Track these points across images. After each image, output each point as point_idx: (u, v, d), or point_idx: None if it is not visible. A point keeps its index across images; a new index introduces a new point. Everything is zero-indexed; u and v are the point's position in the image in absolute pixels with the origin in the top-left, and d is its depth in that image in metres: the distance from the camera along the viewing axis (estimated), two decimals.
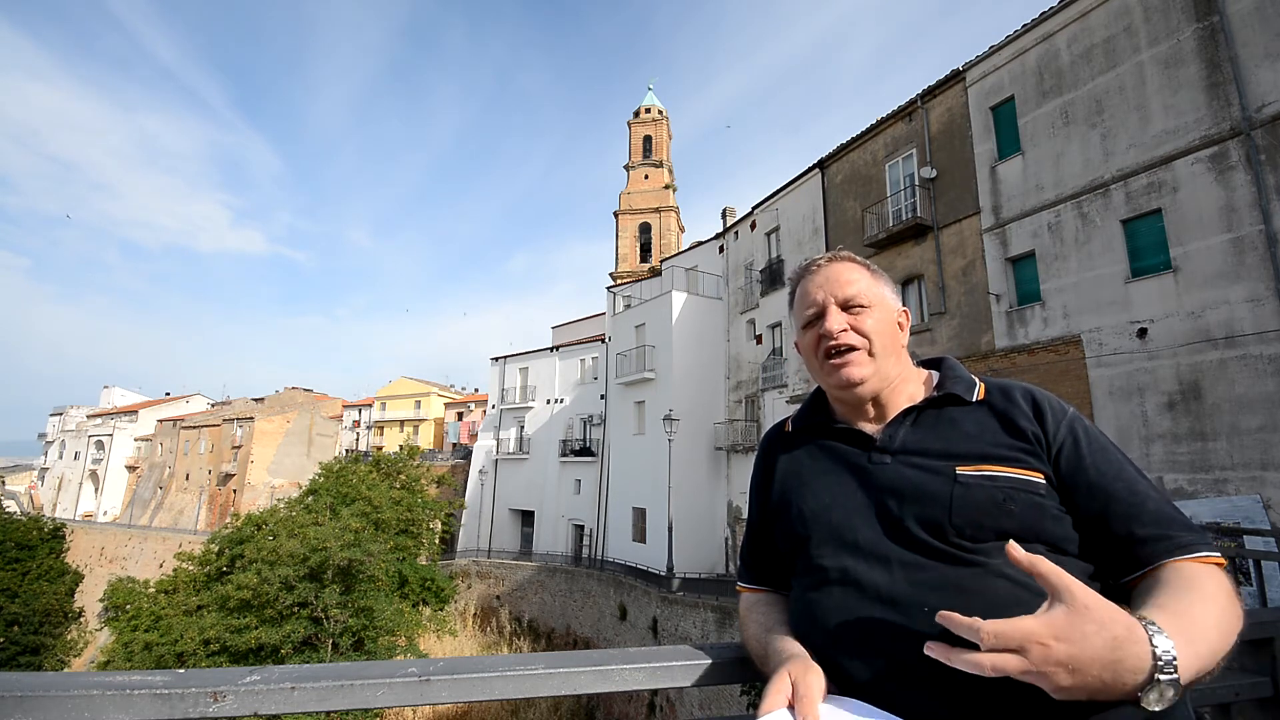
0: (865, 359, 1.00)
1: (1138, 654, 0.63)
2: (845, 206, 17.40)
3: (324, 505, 18.49)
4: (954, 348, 13.58)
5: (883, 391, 1.03)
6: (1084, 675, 0.63)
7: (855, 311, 1.02)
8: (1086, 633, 0.64)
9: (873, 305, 1.03)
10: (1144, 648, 0.64)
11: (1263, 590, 5.69)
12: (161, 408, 61.50)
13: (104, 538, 43.97)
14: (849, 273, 1.05)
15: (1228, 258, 9.36)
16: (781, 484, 1.08)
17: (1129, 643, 0.64)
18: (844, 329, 1.01)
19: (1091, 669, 0.63)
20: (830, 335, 1.01)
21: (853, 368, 1.00)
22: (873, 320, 1.02)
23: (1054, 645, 0.64)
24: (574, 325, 34.88)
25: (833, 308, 1.03)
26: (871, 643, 0.84)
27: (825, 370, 1.03)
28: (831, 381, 1.03)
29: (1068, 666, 0.63)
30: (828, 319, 1.02)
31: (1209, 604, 0.73)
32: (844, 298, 1.03)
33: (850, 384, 1.00)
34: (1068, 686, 0.64)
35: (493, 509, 31.14)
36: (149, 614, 16.52)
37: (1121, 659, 0.63)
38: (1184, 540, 0.80)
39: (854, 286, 1.03)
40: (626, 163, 39.75)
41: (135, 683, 0.80)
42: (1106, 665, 0.63)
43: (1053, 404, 0.96)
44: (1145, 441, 10.04)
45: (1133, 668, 0.63)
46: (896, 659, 0.82)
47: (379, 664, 0.92)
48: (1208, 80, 9.76)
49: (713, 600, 15.87)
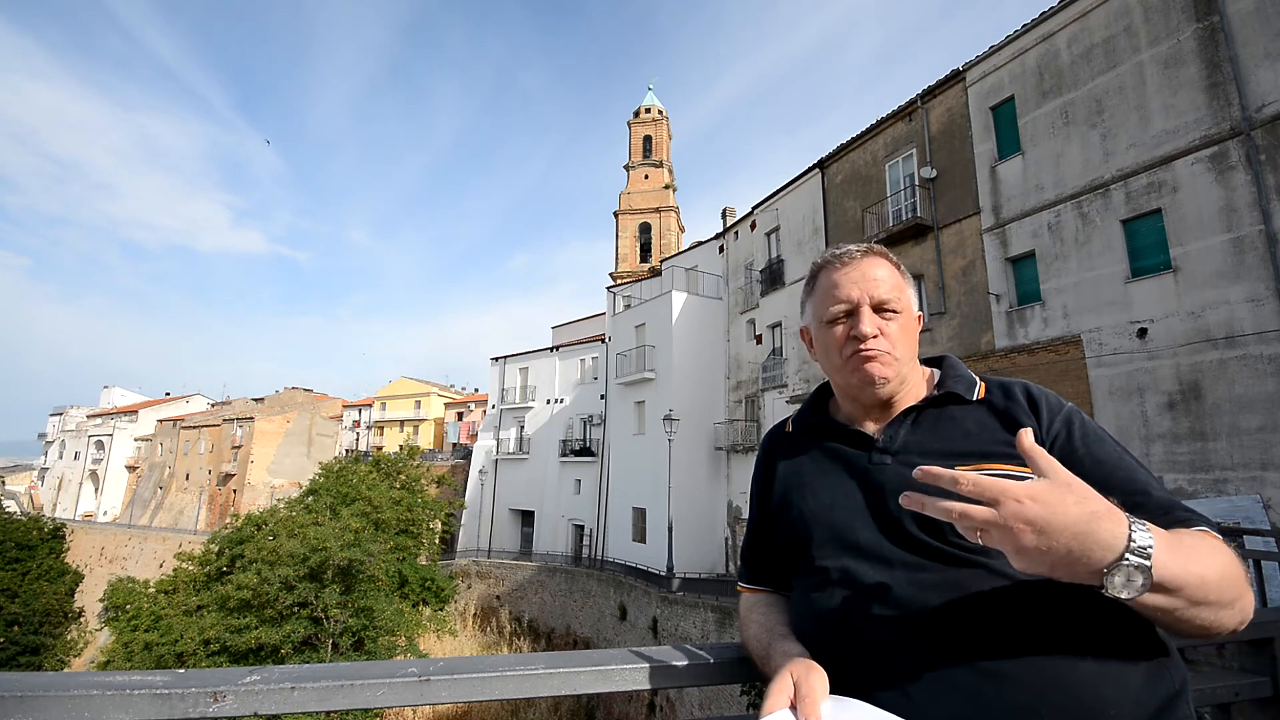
0: (890, 360, 0.99)
1: (1113, 531, 0.64)
2: (845, 206, 17.40)
3: (324, 505, 18.49)
4: (954, 348, 13.58)
5: (896, 392, 1.03)
6: (1051, 539, 0.63)
7: (887, 316, 1.00)
8: (1066, 501, 0.64)
9: (901, 311, 1.02)
10: (1121, 528, 0.64)
11: (1263, 590, 5.69)
12: (161, 408, 61.51)
13: (104, 538, 43.97)
14: (884, 271, 1.03)
15: (1228, 258, 9.36)
16: (782, 484, 1.08)
17: (1107, 519, 0.64)
18: (875, 334, 0.99)
19: (1061, 535, 0.63)
20: (863, 338, 0.98)
21: (879, 365, 0.98)
22: (899, 326, 1.01)
23: (1028, 504, 0.64)
24: (574, 325, 34.88)
25: (866, 309, 1.00)
26: (872, 643, 0.85)
27: (849, 365, 1.00)
28: (855, 378, 1.00)
29: (1037, 526, 0.63)
30: (862, 321, 0.99)
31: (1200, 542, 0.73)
32: (879, 299, 1.00)
33: (874, 380, 0.99)
34: (1032, 548, 0.64)
35: (493, 509, 31.14)
36: (149, 614, 16.51)
37: (1094, 532, 0.63)
38: (1182, 516, 0.80)
39: (887, 287, 1.01)
40: (626, 163, 39.77)
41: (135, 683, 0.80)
42: (1077, 535, 0.63)
43: (1049, 399, 0.96)
44: (1145, 441, 10.04)
45: (1104, 543, 0.63)
46: (898, 659, 0.82)
47: (379, 664, 0.92)
48: (1208, 80, 9.76)
49: (713, 600, 15.86)
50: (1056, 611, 0.78)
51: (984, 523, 0.65)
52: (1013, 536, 0.64)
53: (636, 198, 38.55)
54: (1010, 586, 0.81)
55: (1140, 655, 0.78)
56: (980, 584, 0.82)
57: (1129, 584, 0.64)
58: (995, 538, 0.66)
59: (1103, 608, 0.76)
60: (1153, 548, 0.64)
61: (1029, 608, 0.79)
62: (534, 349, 32.07)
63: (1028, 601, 0.79)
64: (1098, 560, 0.64)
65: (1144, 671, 0.77)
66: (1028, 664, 0.76)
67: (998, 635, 0.78)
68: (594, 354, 28.69)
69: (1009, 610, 0.79)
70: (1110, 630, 0.77)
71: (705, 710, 14.04)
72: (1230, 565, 0.72)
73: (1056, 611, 0.78)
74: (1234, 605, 0.71)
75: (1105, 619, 0.77)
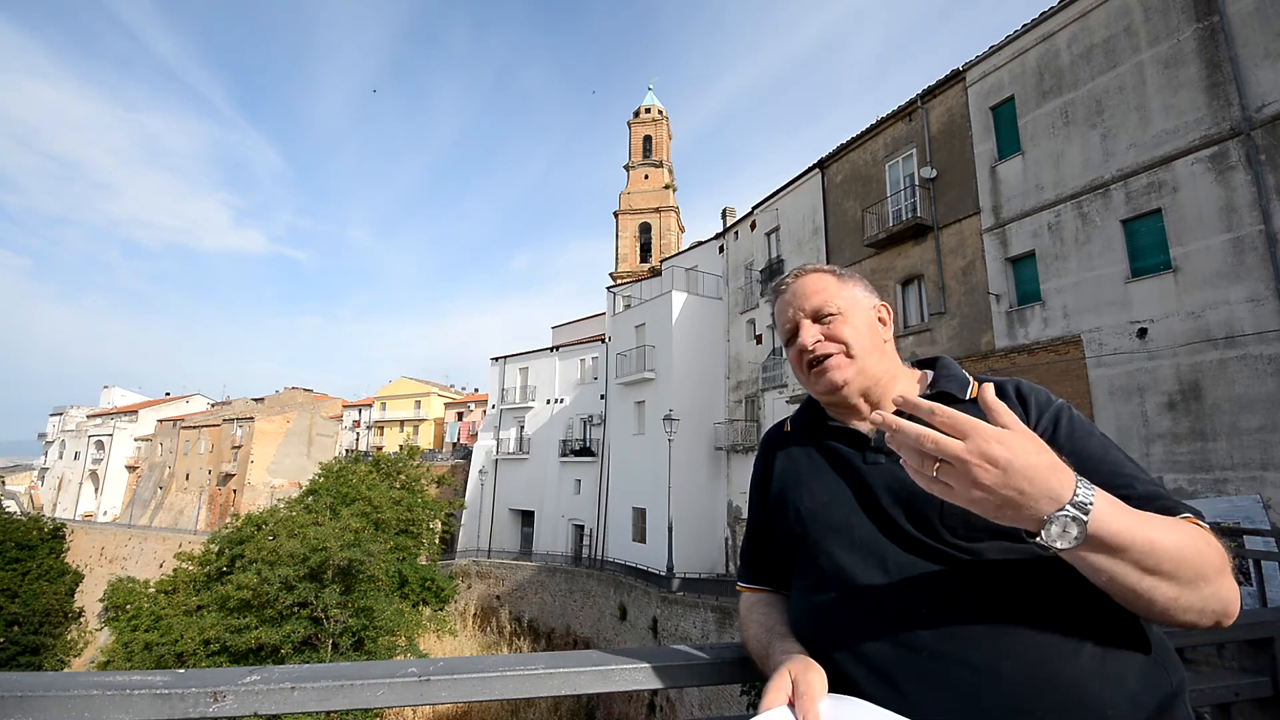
0: (844, 361, 1.03)
1: (1062, 481, 0.67)
2: (845, 206, 17.40)
3: (324, 505, 18.49)
4: (954, 348, 13.59)
5: (871, 389, 1.04)
6: (1009, 478, 0.66)
7: (827, 321, 1.06)
8: (1028, 448, 0.68)
9: (843, 310, 1.06)
10: (1069, 480, 0.68)
11: (1263, 590, 5.69)
12: (161, 408, 61.49)
13: (104, 538, 43.97)
14: (814, 284, 1.09)
15: (1228, 258, 9.36)
16: (779, 484, 1.09)
17: (1061, 470, 0.68)
18: (818, 340, 1.05)
19: (1018, 477, 0.66)
20: (807, 348, 1.05)
21: (833, 373, 1.03)
22: (846, 325, 1.05)
23: (993, 444, 0.67)
24: (574, 325, 34.88)
25: (804, 321, 1.07)
26: (869, 641, 0.85)
27: (810, 380, 1.07)
28: (818, 389, 1.06)
29: (999, 464, 0.66)
30: (802, 333, 1.06)
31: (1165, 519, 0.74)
32: (812, 309, 1.07)
33: (834, 388, 1.03)
34: (988, 485, 0.66)
35: (493, 509, 31.14)
36: (149, 614, 16.53)
37: (1047, 479, 0.67)
38: (1167, 505, 0.80)
39: (820, 296, 1.07)
40: (626, 163, 39.76)
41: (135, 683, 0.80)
42: (1032, 479, 0.66)
43: (1039, 395, 0.97)
44: (1145, 441, 10.05)
45: (1052, 490, 0.67)
46: (893, 657, 0.82)
47: (379, 664, 0.92)
48: (1208, 80, 9.76)
49: (713, 600, 15.86)
50: (1053, 610, 0.78)
51: (952, 454, 0.67)
52: (972, 472, 0.67)
53: (636, 198, 38.54)
54: (1006, 585, 0.81)
55: (1137, 655, 0.78)
56: (975, 582, 0.82)
57: (1065, 534, 0.66)
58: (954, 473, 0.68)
59: (1100, 606, 0.76)
60: (1093, 504, 0.67)
61: (1025, 606, 0.79)
62: (534, 349, 32.07)
63: (1024, 600, 0.79)
64: (1043, 506, 0.67)
65: (1141, 671, 0.77)
66: (1023, 662, 0.76)
67: (993, 634, 0.78)
68: (594, 354, 28.69)
69: (1004, 609, 0.79)
70: (1107, 629, 0.78)
71: (705, 710, 14.04)
72: (1195, 543, 0.72)
73: (1053, 610, 0.78)
74: (1198, 585, 0.70)
75: (1102, 618, 0.78)
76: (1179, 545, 0.70)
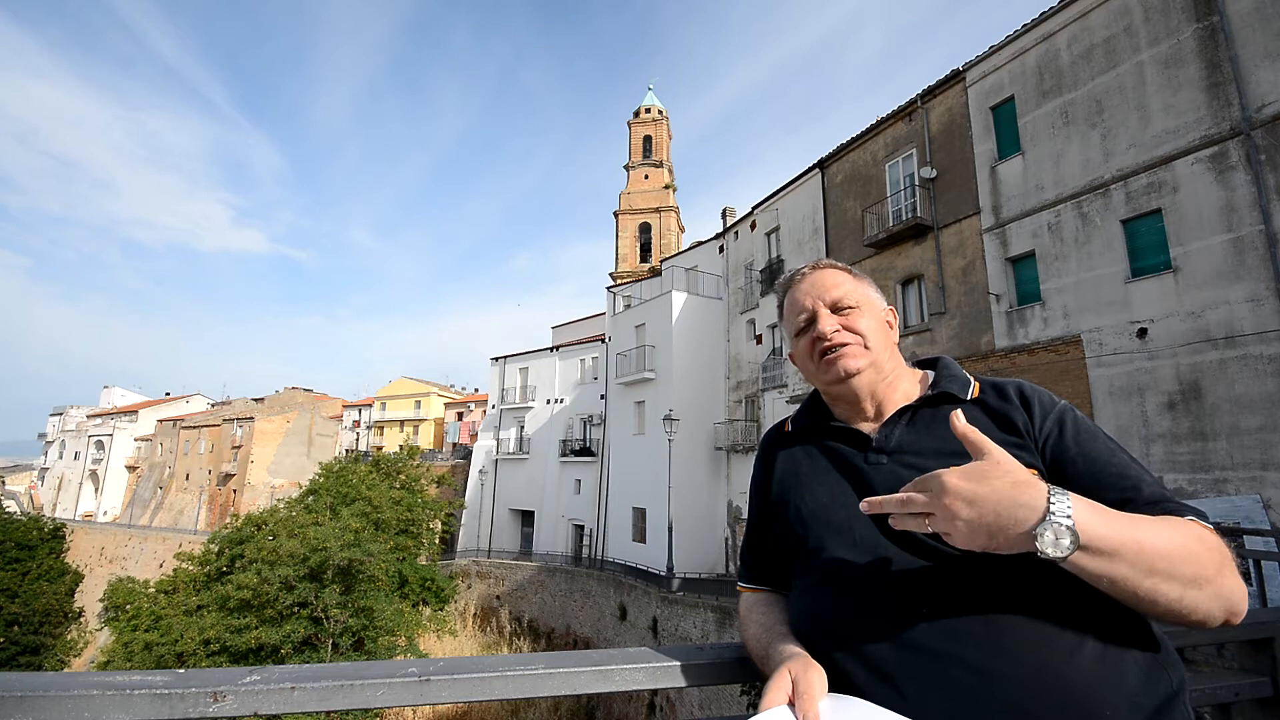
0: (861, 350, 1.03)
1: (1033, 494, 0.70)
2: (845, 206, 17.40)
3: (324, 505, 18.50)
4: (954, 348, 13.58)
5: (879, 386, 1.04)
6: (980, 507, 0.71)
7: (845, 312, 1.06)
8: (989, 474, 0.73)
9: (860, 305, 1.07)
10: (1040, 492, 0.71)
11: (1263, 590, 5.70)
12: (161, 408, 61.49)
13: (104, 538, 43.96)
14: (833, 277, 1.10)
15: (1228, 258, 9.36)
16: (780, 484, 1.09)
17: (1027, 486, 0.71)
18: (836, 329, 1.04)
19: (988, 503, 0.71)
20: (824, 336, 1.04)
21: (847, 360, 1.02)
22: (863, 319, 1.05)
23: (960, 483, 0.72)
24: (574, 325, 34.88)
25: (823, 310, 1.06)
26: (869, 641, 0.85)
27: (822, 368, 1.05)
28: (829, 376, 1.05)
29: (965, 498, 0.71)
30: (820, 321, 1.05)
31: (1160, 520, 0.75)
32: (832, 300, 1.07)
33: (847, 374, 1.02)
34: (965, 518, 0.71)
35: (493, 509, 31.14)
36: (149, 614, 16.52)
37: (1015, 496, 0.71)
38: (1172, 508, 0.80)
39: (840, 289, 1.07)
40: (627, 163, 39.74)
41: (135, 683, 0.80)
42: (1001, 501, 0.71)
43: (1042, 397, 0.97)
44: (1145, 441, 10.04)
45: (1026, 504, 0.70)
46: (894, 657, 0.82)
47: (379, 664, 0.92)
48: (1208, 80, 9.76)
49: (713, 600, 15.86)
50: (1053, 610, 0.78)
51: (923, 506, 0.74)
52: (947, 512, 0.72)
53: (636, 198, 38.53)
54: (1006, 586, 0.81)
55: (1138, 654, 0.78)
56: (975, 583, 0.82)
57: (1057, 543, 0.68)
58: (939, 519, 0.73)
59: (1100, 607, 0.76)
60: (1072, 509, 0.69)
61: (1025, 606, 0.79)
62: (534, 349, 32.07)
63: (1023, 600, 0.79)
64: (1024, 521, 0.70)
65: (1141, 671, 0.77)
66: (1023, 663, 0.76)
67: (993, 634, 0.78)
68: (594, 354, 28.69)
69: (1005, 609, 0.79)
70: (1108, 629, 0.78)
71: (705, 710, 14.04)
72: (1187, 542, 0.72)
73: (1053, 610, 0.78)
74: (1201, 585, 0.71)
75: (1103, 618, 0.78)
76: (1170, 545, 0.71)
